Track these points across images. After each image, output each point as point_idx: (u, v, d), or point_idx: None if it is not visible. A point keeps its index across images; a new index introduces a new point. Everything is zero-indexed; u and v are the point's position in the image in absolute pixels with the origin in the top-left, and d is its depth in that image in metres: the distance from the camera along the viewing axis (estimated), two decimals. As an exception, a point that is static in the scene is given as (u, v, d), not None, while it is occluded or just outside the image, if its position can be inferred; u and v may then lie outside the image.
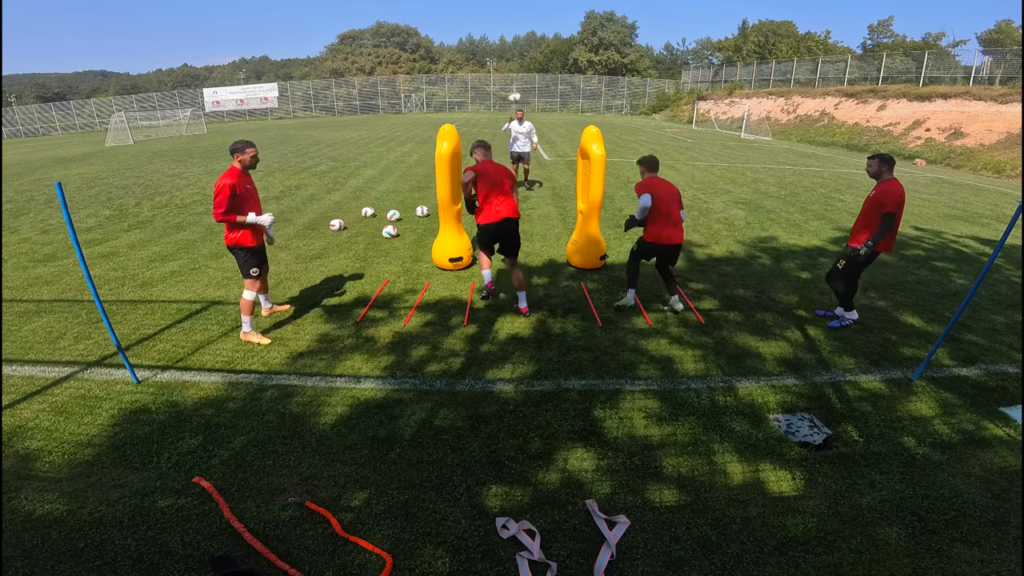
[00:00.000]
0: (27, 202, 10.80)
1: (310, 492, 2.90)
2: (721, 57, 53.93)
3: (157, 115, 38.72)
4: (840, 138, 24.64)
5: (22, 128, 44.08)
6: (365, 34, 71.30)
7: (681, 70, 56.74)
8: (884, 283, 6.14)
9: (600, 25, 60.73)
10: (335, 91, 54.05)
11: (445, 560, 2.50)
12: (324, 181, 12.61)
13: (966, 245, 7.84)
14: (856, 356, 4.43)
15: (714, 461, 3.17)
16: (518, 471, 3.07)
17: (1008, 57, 23.31)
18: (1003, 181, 15.69)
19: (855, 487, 2.97)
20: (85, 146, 25.65)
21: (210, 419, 3.53)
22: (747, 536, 2.64)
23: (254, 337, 4.56)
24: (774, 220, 9.04)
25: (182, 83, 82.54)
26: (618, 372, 4.14)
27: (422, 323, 4.98)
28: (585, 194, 6.10)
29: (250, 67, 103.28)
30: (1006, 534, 2.66)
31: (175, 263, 6.71)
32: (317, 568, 2.45)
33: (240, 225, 4.34)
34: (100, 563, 2.47)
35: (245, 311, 4.51)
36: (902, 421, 3.57)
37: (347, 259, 6.84)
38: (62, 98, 65.76)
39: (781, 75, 36.09)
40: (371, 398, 3.78)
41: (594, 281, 6.07)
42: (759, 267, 6.64)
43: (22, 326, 4.95)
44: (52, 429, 3.42)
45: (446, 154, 5.73)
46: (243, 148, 4.34)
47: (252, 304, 4.54)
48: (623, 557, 2.52)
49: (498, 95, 54.94)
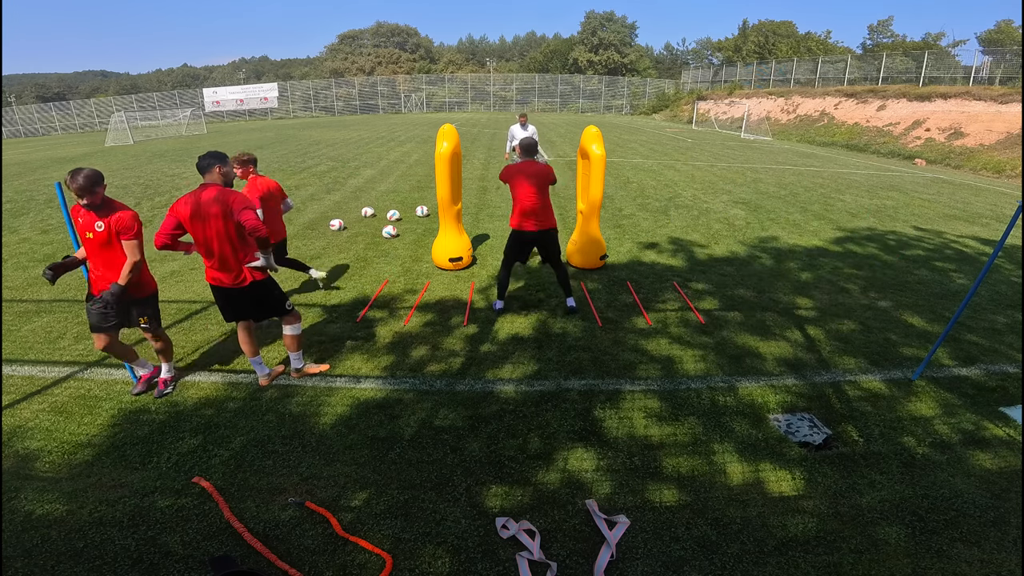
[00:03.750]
0: (27, 202, 10.80)
1: (310, 492, 2.90)
2: (721, 57, 53.93)
3: (157, 115, 38.73)
4: (840, 138, 24.64)
5: (22, 128, 44.10)
6: (365, 34, 71.33)
7: (681, 70, 56.73)
8: (884, 283, 6.14)
9: (600, 25, 60.74)
10: (335, 91, 54.05)
11: (445, 560, 2.49)
12: (324, 181, 12.60)
13: (966, 245, 7.84)
14: (856, 356, 4.43)
15: (714, 461, 3.16)
16: (518, 471, 3.07)
17: (1008, 57, 23.31)
18: (1003, 181, 15.69)
19: (855, 487, 2.97)
20: (85, 146, 25.64)
21: (210, 419, 3.53)
22: (747, 536, 2.64)
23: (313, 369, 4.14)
24: (774, 220, 9.04)
25: (182, 83, 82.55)
26: (618, 372, 4.14)
27: (422, 323, 4.98)
28: (585, 194, 6.10)
29: (250, 67, 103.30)
30: (1006, 534, 2.66)
31: (175, 263, 6.71)
32: (317, 568, 2.44)
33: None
34: (100, 563, 2.47)
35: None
36: (902, 421, 3.57)
37: (347, 259, 6.84)
38: (62, 98, 65.79)
39: (781, 75, 36.09)
40: (371, 398, 3.78)
41: (594, 281, 6.07)
42: (759, 267, 6.64)
43: (22, 326, 4.95)
44: (52, 429, 3.42)
45: (446, 154, 5.73)
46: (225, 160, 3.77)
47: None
48: (623, 557, 2.52)
49: (498, 95, 54.93)
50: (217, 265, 3.51)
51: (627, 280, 6.07)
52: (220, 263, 3.50)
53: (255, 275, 3.61)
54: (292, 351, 3.95)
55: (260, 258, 3.54)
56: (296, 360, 3.99)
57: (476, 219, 8.85)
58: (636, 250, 7.23)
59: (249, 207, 3.38)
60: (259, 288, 3.66)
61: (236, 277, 3.56)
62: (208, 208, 3.34)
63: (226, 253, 3.46)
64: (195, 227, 3.41)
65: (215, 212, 3.34)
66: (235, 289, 3.61)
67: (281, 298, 3.82)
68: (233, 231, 3.43)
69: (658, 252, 7.17)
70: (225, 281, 3.57)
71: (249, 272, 3.58)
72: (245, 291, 3.62)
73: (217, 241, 3.42)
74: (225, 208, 3.35)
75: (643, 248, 7.34)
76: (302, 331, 4.02)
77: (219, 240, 3.42)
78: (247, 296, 3.66)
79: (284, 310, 3.84)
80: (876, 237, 8.12)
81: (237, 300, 3.67)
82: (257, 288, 3.65)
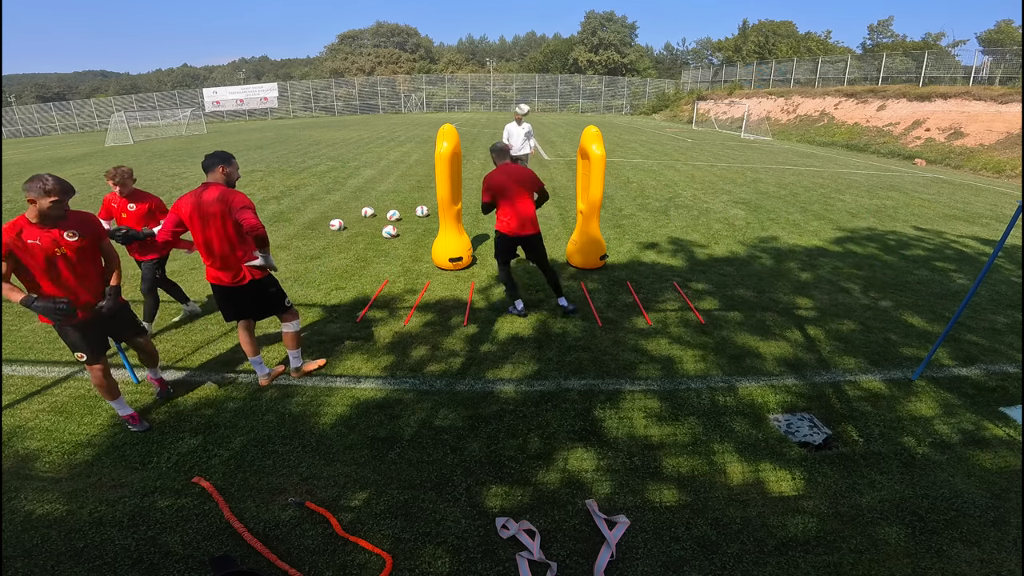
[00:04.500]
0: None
1: (310, 492, 2.90)
2: (721, 57, 53.94)
3: (157, 115, 38.71)
4: (840, 138, 24.64)
5: (22, 128, 44.08)
6: (365, 34, 71.31)
7: (681, 70, 56.73)
8: (884, 283, 6.14)
9: (600, 25, 60.74)
10: (335, 91, 54.03)
11: (445, 560, 2.50)
12: (324, 181, 12.60)
13: (966, 245, 7.84)
14: (856, 356, 4.43)
15: (714, 461, 3.16)
16: (518, 471, 3.07)
17: (1008, 57, 23.31)
18: (1003, 181, 15.69)
19: (855, 487, 2.97)
20: (85, 146, 25.64)
21: (210, 419, 3.53)
22: (747, 536, 2.64)
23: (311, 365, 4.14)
24: (774, 220, 9.04)
25: (182, 83, 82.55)
26: (618, 372, 4.14)
27: (422, 323, 4.98)
28: (585, 194, 6.10)
29: (250, 67, 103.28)
30: (1006, 534, 2.66)
31: (175, 263, 6.70)
32: (317, 568, 2.45)
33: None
34: (100, 563, 2.47)
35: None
36: (902, 421, 3.57)
37: (347, 259, 6.84)
38: (62, 98, 65.78)
39: (781, 75, 36.09)
40: (371, 398, 3.78)
41: (594, 281, 6.07)
42: (759, 267, 6.64)
43: (22, 326, 4.95)
44: (52, 429, 3.42)
45: (446, 154, 5.73)
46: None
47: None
48: (623, 557, 2.52)
49: (498, 95, 54.93)
50: (217, 264, 3.53)
51: (627, 280, 6.07)
52: (220, 262, 3.52)
53: (254, 274, 3.62)
54: (291, 349, 3.98)
55: (259, 257, 3.55)
56: (295, 359, 4.02)
57: (476, 219, 8.85)
58: (636, 250, 7.24)
59: (248, 206, 3.38)
60: (258, 287, 3.69)
61: (236, 276, 3.57)
62: (209, 207, 3.35)
63: (226, 252, 3.48)
64: (195, 225, 3.42)
65: (216, 211, 3.36)
66: (235, 288, 3.63)
67: (280, 296, 3.85)
68: (232, 230, 3.44)
69: (658, 252, 7.17)
70: (225, 280, 3.58)
71: (248, 271, 3.59)
72: (245, 290, 3.64)
73: (217, 240, 3.43)
74: (226, 208, 3.36)
75: (643, 248, 7.34)
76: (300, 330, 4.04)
77: (219, 239, 3.43)
78: (247, 295, 3.68)
79: (283, 307, 3.86)
80: (876, 237, 8.12)
81: (237, 299, 3.69)
82: (256, 287, 3.68)
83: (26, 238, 2.95)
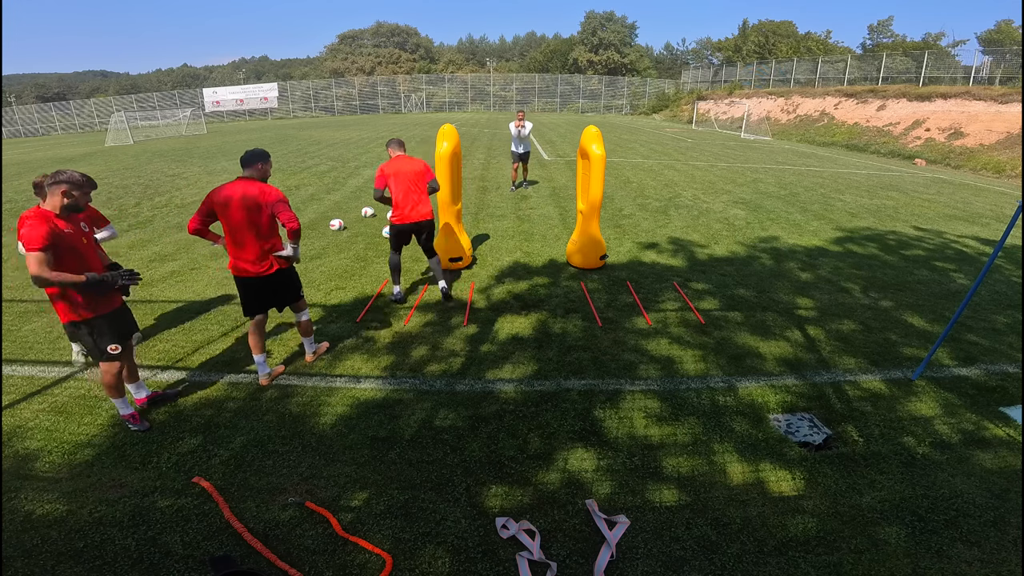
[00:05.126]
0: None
1: (310, 492, 2.90)
2: (721, 57, 53.89)
3: (157, 115, 38.68)
4: (840, 138, 24.64)
5: (22, 128, 44.08)
6: (365, 34, 71.24)
7: (681, 70, 56.70)
8: (885, 283, 6.14)
9: (600, 25, 60.71)
10: (335, 91, 54.02)
11: (445, 560, 2.50)
12: (324, 181, 12.61)
13: (966, 245, 7.84)
14: (856, 356, 4.43)
15: (714, 461, 3.16)
16: (518, 471, 3.07)
17: (1008, 57, 23.32)
18: (1003, 181, 15.69)
19: (855, 487, 2.97)
20: (85, 146, 25.64)
21: (210, 419, 3.53)
22: (747, 536, 2.64)
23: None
24: (774, 220, 9.04)
25: (182, 83, 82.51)
26: (618, 372, 4.14)
27: (422, 323, 4.98)
28: (585, 194, 6.10)
29: (250, 67, 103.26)
30: (1006, 534, 2.66)
31: (175, 263, 6.71)
32: (317, 568, 2.45)
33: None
34: (100, 563, 2.47)
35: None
36: (902, 421, 3.57)
37: (347, 259, 6.84)
38: (62, 98, 65.74)
39: (781, 75, 36.08)
40: (371, 398, 3.78)
41: (594, 281, 6.07)
42: (759, 267, 6.64)
43: (22, 326, 4.95)
44: (52, 429, 3.42)
45: (446, 154, 5.73)
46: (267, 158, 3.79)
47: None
48: (623, 557, 2.52)
49: (498, 95, 54.93)
50: (243, 254, 3.68)
51: (627, 280, 6.07)
52: (247, 252, 3.67)
53: (280, 263, 3.81)
54: (306, 336, 4.24)
55: (289, 248, 3.77)
56: (310, 344, 4.29)
57: (476, 219, 8.85)
58: (636, 250, 7.24)
59: (283, 200, 3.62)
60: (282, 276, 3.89)
61: (261, 265, 3.73)
62: (241, 199, 3.54)
63: (253, 242, 3.65)
64: (225, 215, 3.58)
65: (247, 204, 3.56)
66: (259, 278, 3.77)
67: (300, 286, 4.10)
68: (265, 222, 3.62)
69: (658, 252, 7.17)
70: (250, 270, 3.73)
71: (276, 261, 3.79)
72: (269, 279, 3.81)
73: (245, 230, 3.60)
74: (257, 201, 3.56)
75: (643, 248, 7.34)
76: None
77: (247, 229, 3.60)
78: (270, 284, 3.84)
79: (299, 296, 4.11)
80: (876, 237, 8.12)
81: (260, 289, 3.83)
82: (281, 275, 3.88)
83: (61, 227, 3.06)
